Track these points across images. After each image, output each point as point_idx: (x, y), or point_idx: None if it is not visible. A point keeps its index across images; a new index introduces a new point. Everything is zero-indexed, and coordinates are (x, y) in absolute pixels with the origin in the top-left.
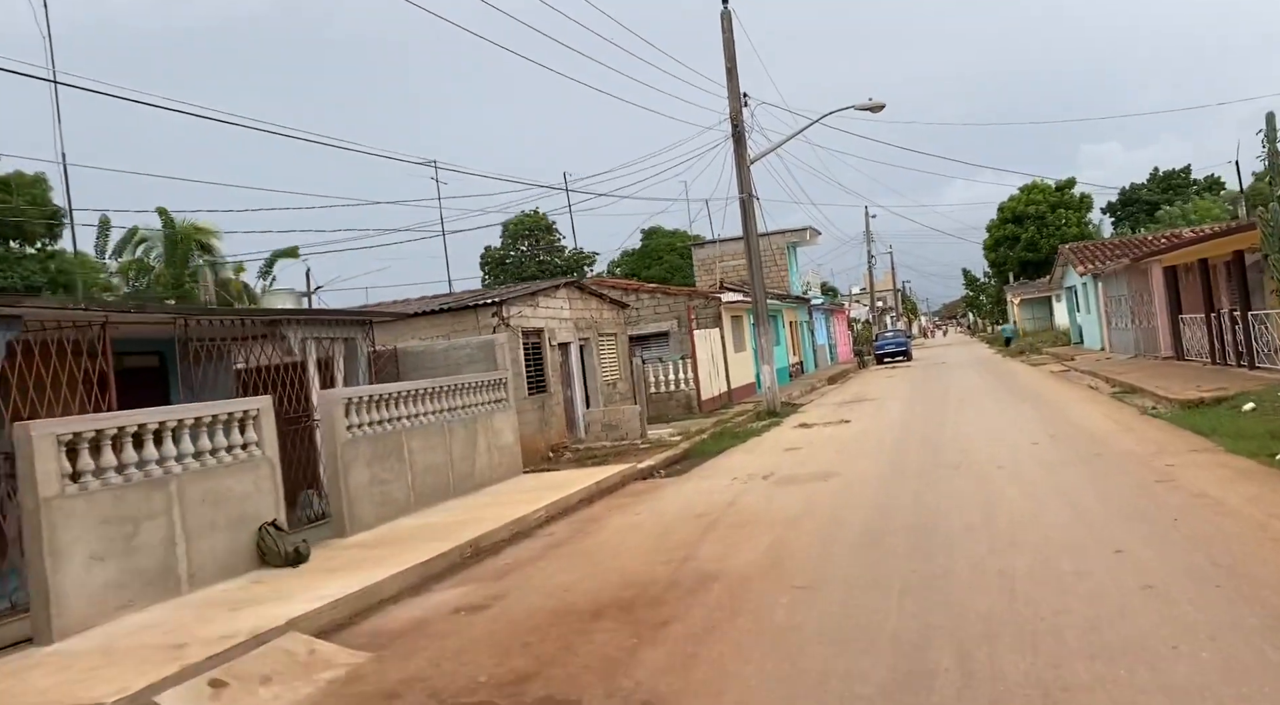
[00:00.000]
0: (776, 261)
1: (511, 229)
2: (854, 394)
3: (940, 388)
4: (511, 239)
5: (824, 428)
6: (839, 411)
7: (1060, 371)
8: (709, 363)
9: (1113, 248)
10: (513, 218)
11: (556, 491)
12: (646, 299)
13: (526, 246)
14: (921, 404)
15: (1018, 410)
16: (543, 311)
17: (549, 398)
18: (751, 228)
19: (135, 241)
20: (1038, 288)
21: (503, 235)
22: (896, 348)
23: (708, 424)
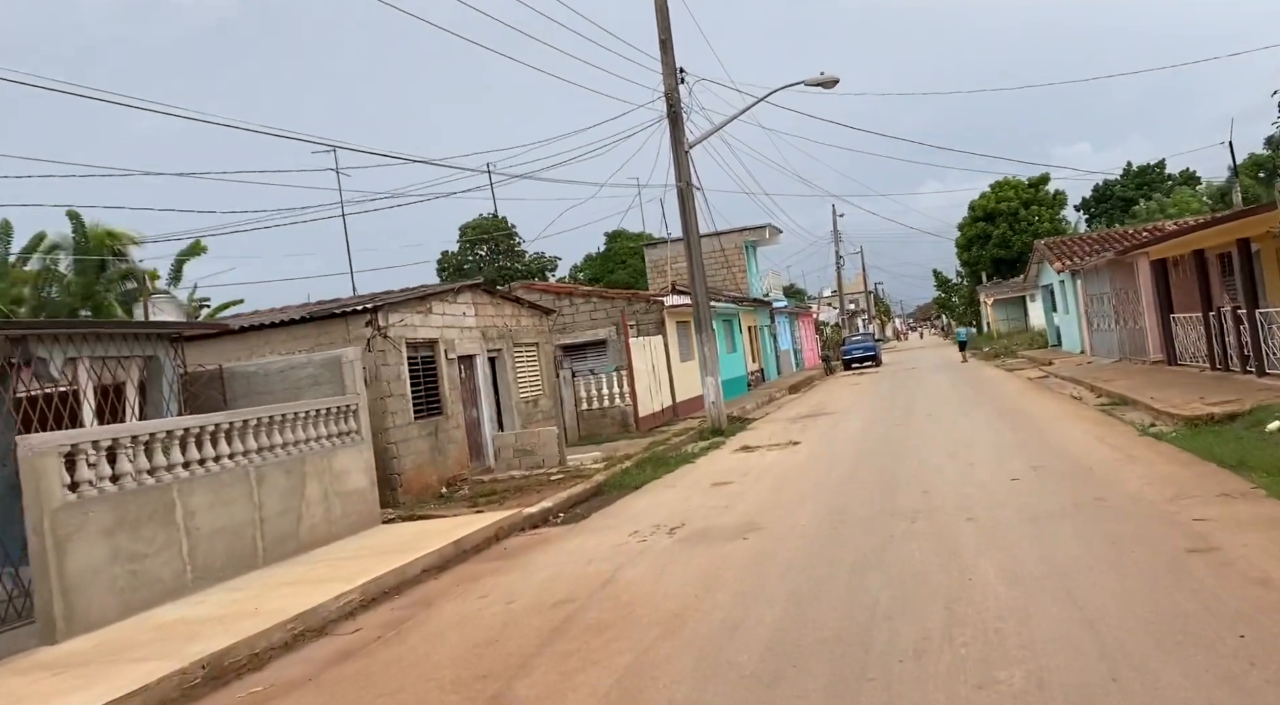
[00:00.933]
0: (734, 262)
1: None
2: (813, 406)
3: (907, 398)
4: (469, 243)
5: (768, 452)
6: (790, 429)
7: (1038, 378)
8: (649, 375)
9: (1092, 242)
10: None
11: (401, 556)
12: (581, 304)
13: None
14: (884, 419)
15: (993, 428)
16: (437, 319)
17: (444, 421)
18: (691, 221)
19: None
20: (1011, 287)
21: (460, 239)
22: (864, 352)
23: (640, 446)
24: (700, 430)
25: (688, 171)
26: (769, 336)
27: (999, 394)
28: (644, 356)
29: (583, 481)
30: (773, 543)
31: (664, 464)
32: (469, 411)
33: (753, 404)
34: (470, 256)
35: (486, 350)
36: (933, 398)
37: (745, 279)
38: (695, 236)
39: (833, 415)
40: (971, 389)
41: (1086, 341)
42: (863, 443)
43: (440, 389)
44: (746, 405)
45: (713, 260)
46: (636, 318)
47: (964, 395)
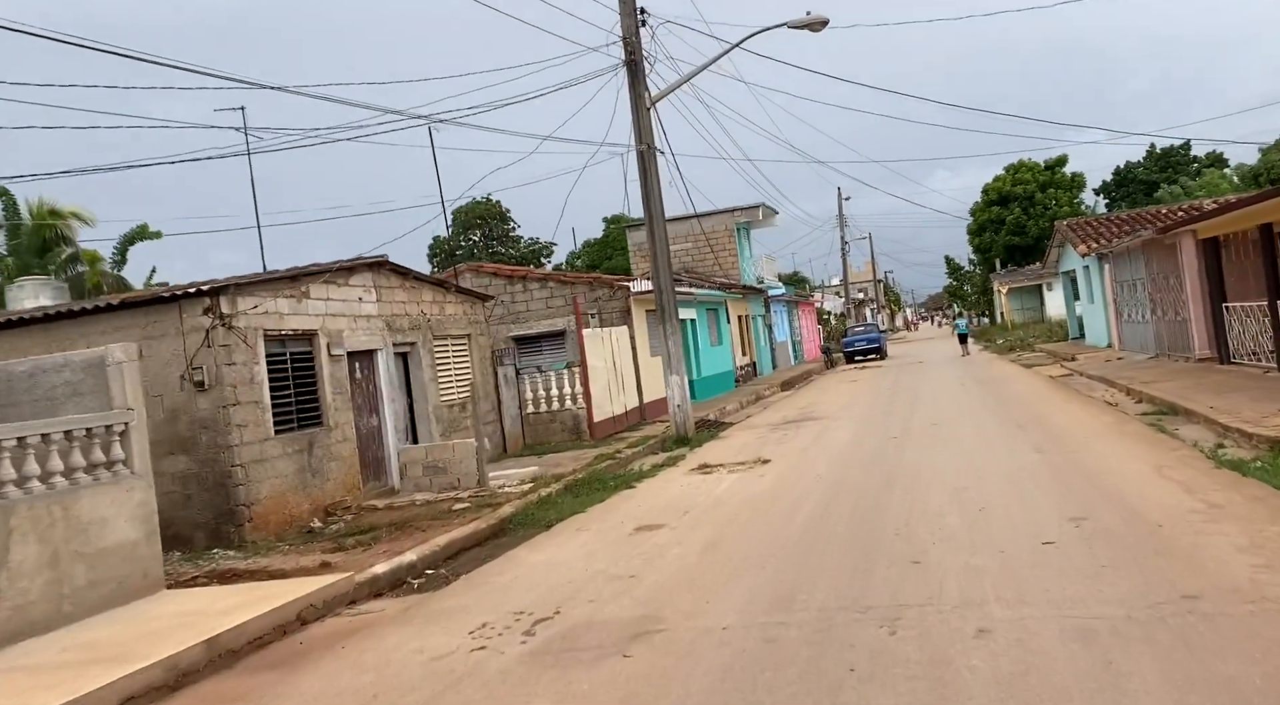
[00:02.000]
0: (724, 245)
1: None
2: (801, 408)
3: (909, 399)
4: (461, 228)
5: (728, 474)
6: (767, 441)
7: (1061, 376)
8: (608, 372)
9: (1120, 222)
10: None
11: (105, 671)
12: (536, 289)
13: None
14: (879, 429)
15: (1012, 448)
16: (318, 306)
17: (323, 435)
18: (653, 191)
19: None
20: (1027, 275)
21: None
22: (868, 344)
23: (585, 460)
24: (662, 439)
25: (650, 131)
26: (763, 327)
27: (1017, 396)
28: (602, 351)
29: (486, 515)
30: (663, 671)
31: (599, 488)
32: (365, 420)
33: (735, 404)
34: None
35: (393, 344)
36: (939, 400)
37: (736, 264)
38: (657, 208)
39: (821, 421)
40: (984, 389)
41: (1114, 334)
42: (846, 466)
43: (319, 393)
44: (727, 406)
45: (699, 243)
46: (599, 305)
47: (975, 397)
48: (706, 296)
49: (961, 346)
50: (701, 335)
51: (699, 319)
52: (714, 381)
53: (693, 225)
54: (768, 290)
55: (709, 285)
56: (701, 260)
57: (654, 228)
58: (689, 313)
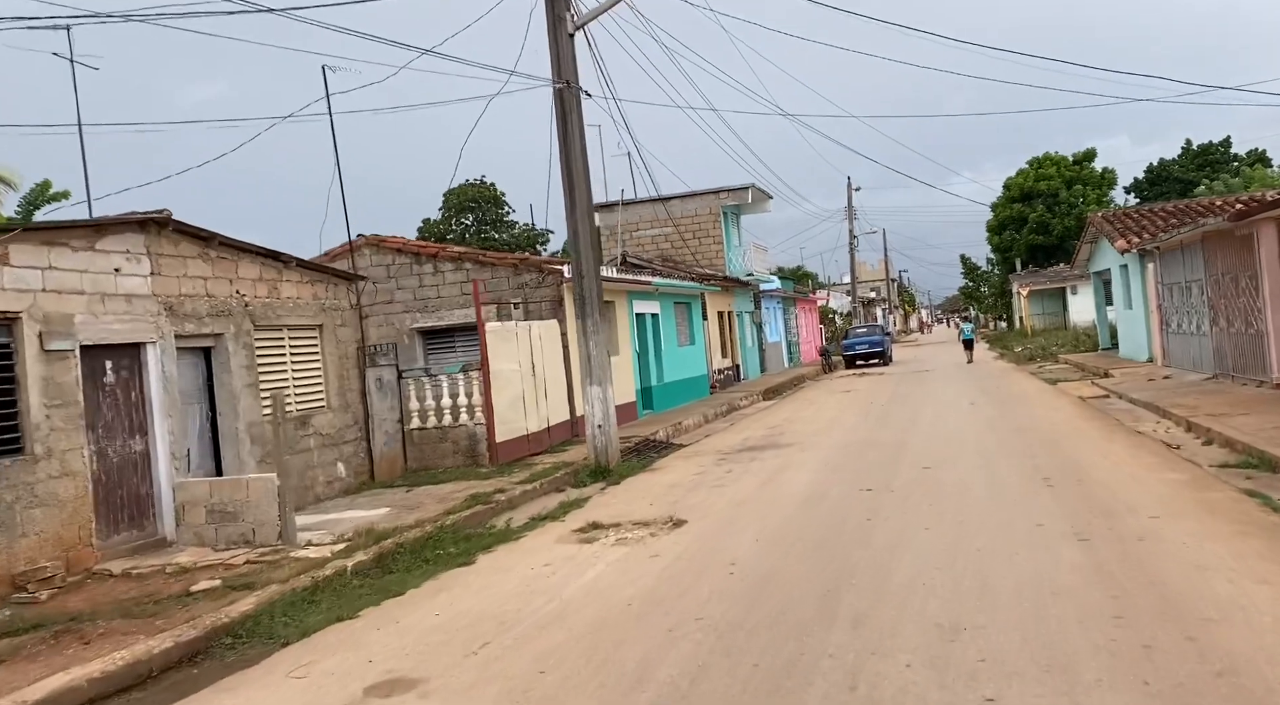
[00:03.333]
0: (708, 231)
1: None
2: (771, 428)
3: (904, 422)
4: (453, 211)
5: (612, 548)
6: (702, 481)
7: (1095, 397)
8: (522, 378)
9: (1167, 215)
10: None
11: None
12: (450, 271)
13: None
14: (854, 469)
15: (1041, 533)
16: (27, 277)
17: (22, 468)
18: (573, 139)
19: None
20: (1049, 277)
21: (443, 207)
22: (870, 348)
23: (453, 501)
24: (575, 469)
25: (571, 65)
26: (751, 326)
27: (1041, 427)
28: (515, 351)
29: (212, 610)
30: None
31: (430, 558)
32: (120, 443)
33: (698, 417)
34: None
35: (178, 336)
36: (940, 426)
37: (721, 253)
38: (578, 164)
39: (785, 451)
40: (999, 411)
41: (1157, 347)
42: (783, 545)
43: (20, 407)
44: (687, 419)
45: (682, 229)
46: (524, 293)
47: (987, 425)
48: (672, 288)
49: (966, 352)
50: (666, 333)
51: (664, 314)
52: (681, 388)
53: (671, 208)
54: (758, 284)
55: (679, 275)
56: (681, 248)
57: (573, 190)
58: (647, 306)
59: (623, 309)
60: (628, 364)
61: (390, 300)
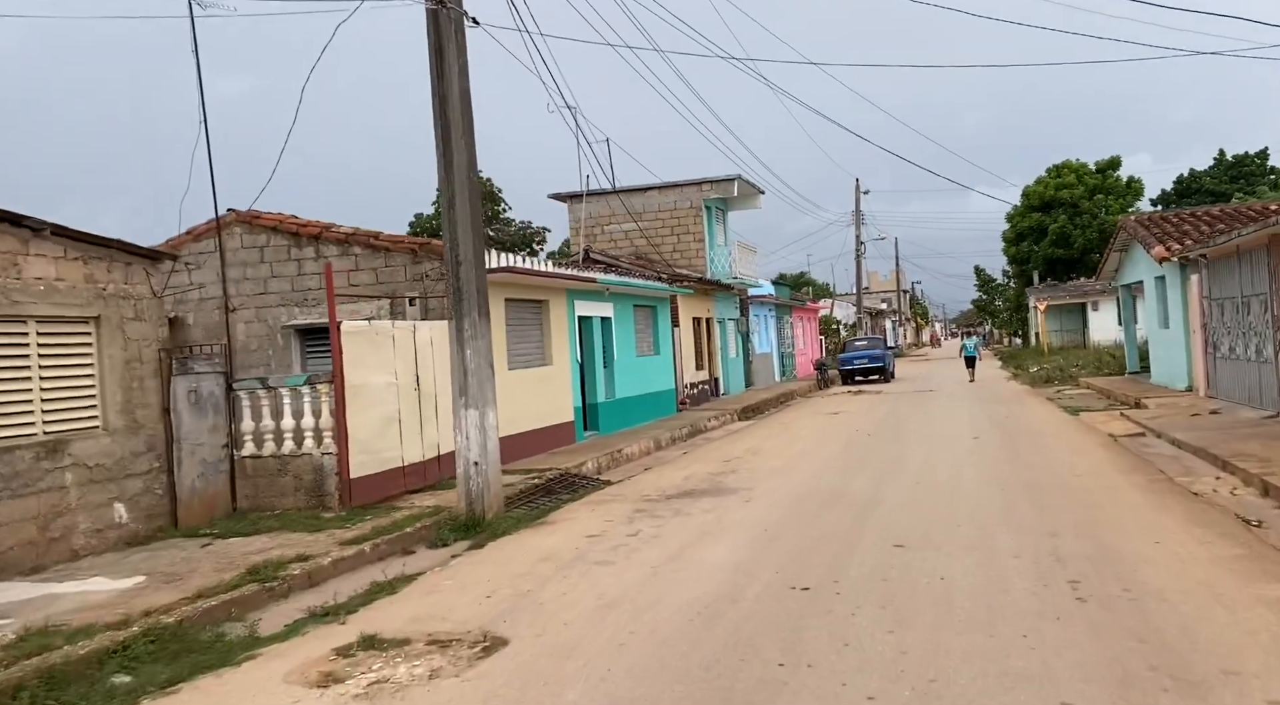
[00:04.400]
0: (687, 227)
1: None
2: (724, 463)
3: (886, 467)
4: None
5: (357, 696)
6: (581, 557)
7: (1128, 436)
8: (399, 394)
9: (1214, 219)
10: None
11: None
12: (336, 258)
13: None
14: (794, 546)
15: (1058, 703)
16: None
17: None
18: (449, 78)
19: None
20: (1069, 291)
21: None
22: (869, 363)
23: (229, 576)
24: (439, 522)
25: None
26: (736, 335)
27: (1065, 482)
28: (389, 358)
29: None
30: None
31: None
32: None
33: (647, 443)
34: None
35: None
36: (931, 473)
37: (703, 252)
38: (455, 112)
39: (725, 500)
40: (1009, 452)
41: (1200, 374)
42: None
43: None
44: (632, 446)
45: (660, 224)
46: (423, 285)
47: (992, 473)
48: (628, 288)
49: (969, 370)
50: (621, 341)
51: (619, 319)
52: (638, 405)
53: (647, 201)
54: (746, 289)
55: (644, 274)
56: (659, 245)
57: (448, 143)
58: (595, 308)
59: (560, 310)
60: (564, 376)
61: (264, 291)
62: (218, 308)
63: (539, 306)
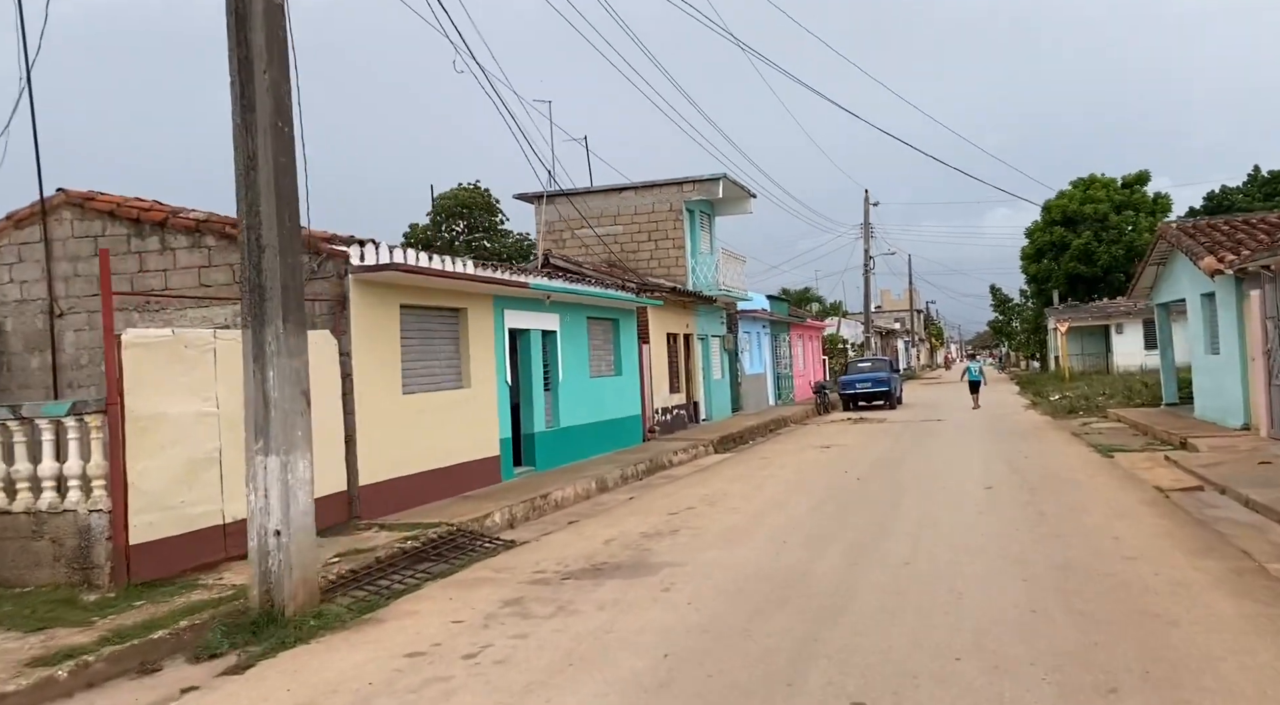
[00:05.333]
0: (666, 232)
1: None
2: (658, 523)
3: (869, 532)
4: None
5: None
6: (402, 678)
7: (1182, 490)
8: (220, 427)
9: (1271, 227)
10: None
11: None
12: (184, 250)
13: (463, 226)
14: (690, 699)
15: None
16: None
17: None
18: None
19: None
20: (1092, 312)
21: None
22: (873, 387)
23: None
24: (222, 617)
25: None
26: (721, 353)
27: (1111, 567)
28: (204, 379)
29: None
30: None
31: None
32: None
33: (585, 485)
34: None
35: None
36: (928, 548)
37: (683, 260)
38: (259, 34)
39: (646, 580)
40: (1031, 512)
41: (1261, 409)
42: None
43: None
44: (568, 489)
45: (639, 227)
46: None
47: (1011, 548)
48: (575, 296)
49: (973, 395)
50: (571, 358)
51: (566, 333)
52: (591, 435)
53: (623, 202)
54: (735, 302)
55: (601, 281)
56: (635, 252)
57: (248, 81)
58: (532, 319)
59: (484, 321)
60: (486, 401)
61: (94, 293)
62: (42, 311)
63: (453, 316)
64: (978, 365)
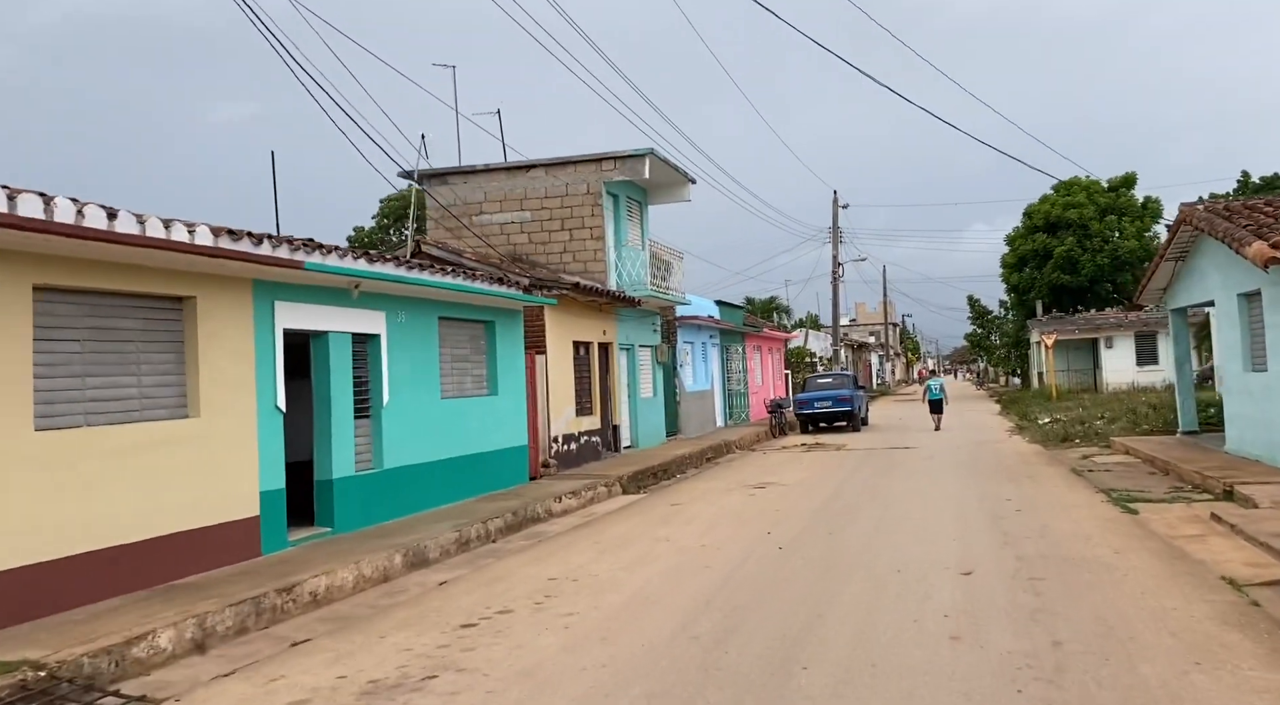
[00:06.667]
0: (583, 220)
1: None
2: (415, 666)
3: (765, 671)
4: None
5: None
6: None
7: (1267, 585)
8: None
9: None
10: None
11: None
12: None
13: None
14: None
15: None
16: None
17: None
18: None
19: None
20: (1079, 324)
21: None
22: (833, 407)
23: None
24: None
25: None
26: (653, 367)
27: None
28: None
29: None
30: None
31: None
32: None
33: (379, 563)
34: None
35: None
36: None
37: (602, 253)
38: None
39: None
40: (1041, 636)
41: None
42: None
43: None
44: (344, 572)
45: (553, 213)
46: None
47: None
48: (403, 285)
49: (934, 416)
50: (412, 373)
51: (398, 338)
52: (444, 476)
53: (531, 182)
54: (674, 307)
55: (470, 275)
56: (545, 244)
57: None
58: (348, 319)
59: (233, 314)
60: (233, 435)
61: None
62: None
63: (170, 309)
64: (939, 382)
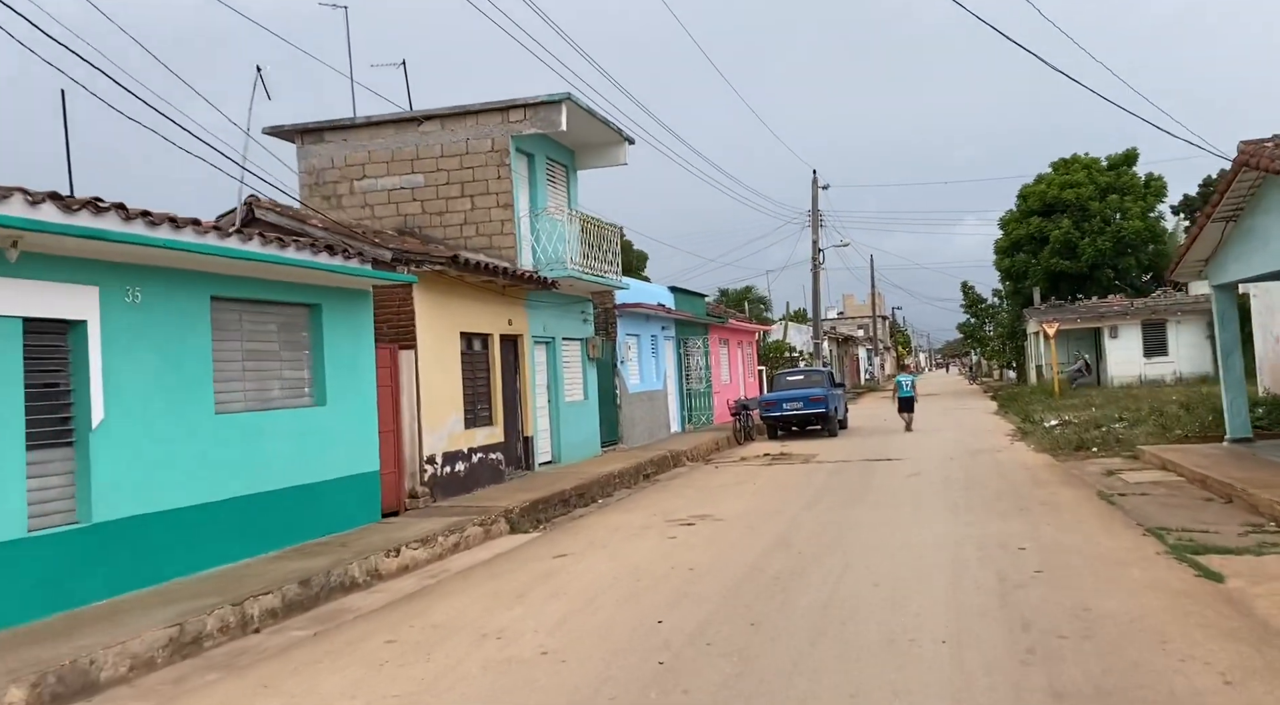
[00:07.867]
0: (486, 183)
1: None
2: None
3: None
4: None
5: None
6: None
7: None
8: None
9: None
10: None
11: None
12: None
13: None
14: None
15: None
16: None
17: None
18: None
19: None
20: (1080, 313)
21: None
22: (803, 408)
23: None
24: None
25: None
26: (584, 364)
27: None
28: None
29: None
30: None
31: None
32: None
33: (133, 650)
34: None
35: None
36: None
37: (511, 225)
38: None
39: None
40: None
41: None
42: None
43: None
44: None
45: (439, 176)
46: None
47: None
48: (125, 244)
49: (904, 415)
50: (160, 377)
51: (132, 327)
52: (224, 524)
53: (423, 138)
54: (612, 292)
55: (273, 242)
56: (442, 213)
57: None
58: (43, 298)
59: None
60: None
61: None
62: None
63: None
64: (910, 379)
